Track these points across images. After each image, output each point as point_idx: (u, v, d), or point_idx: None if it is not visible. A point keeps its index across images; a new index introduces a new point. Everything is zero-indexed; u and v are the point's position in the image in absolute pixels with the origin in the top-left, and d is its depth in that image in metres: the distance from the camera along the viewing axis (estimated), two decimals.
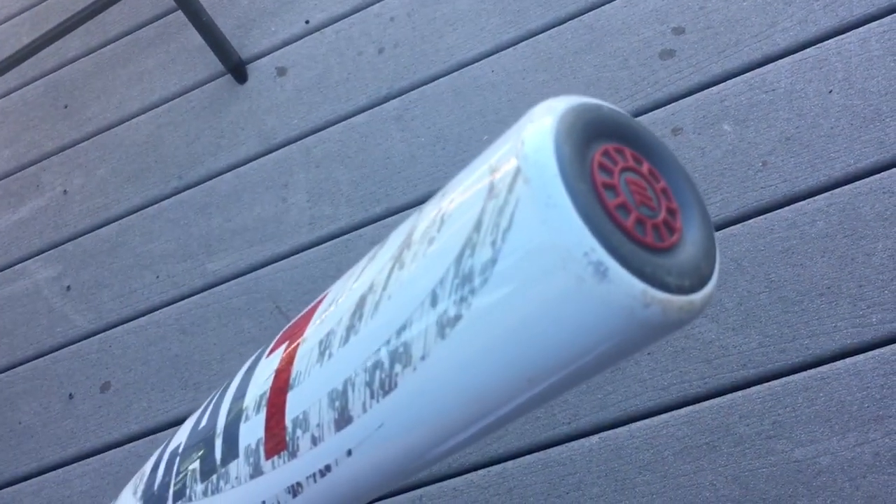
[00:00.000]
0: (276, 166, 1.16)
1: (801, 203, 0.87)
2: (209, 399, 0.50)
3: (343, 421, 0.36)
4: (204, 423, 0.47)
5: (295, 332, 0.42)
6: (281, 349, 0.42)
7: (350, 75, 1.17)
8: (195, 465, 0.46)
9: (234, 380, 0.47)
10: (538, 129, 0.27)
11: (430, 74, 1.12)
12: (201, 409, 0.50)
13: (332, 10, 1.22)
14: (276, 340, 0.45)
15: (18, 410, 1.18)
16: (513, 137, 0.29)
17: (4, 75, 1.33)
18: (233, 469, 0.43)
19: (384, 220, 1.06)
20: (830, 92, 0.91)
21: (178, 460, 0.48)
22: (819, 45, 0.93)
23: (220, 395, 0.48)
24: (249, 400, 0.43)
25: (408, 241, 0.34)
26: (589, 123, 0.29)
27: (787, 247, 0.86)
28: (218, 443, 0.44)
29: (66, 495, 1.11)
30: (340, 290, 0.39)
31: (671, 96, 0.97)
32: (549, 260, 0.26)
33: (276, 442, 0.39)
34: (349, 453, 0.36)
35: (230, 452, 0.43)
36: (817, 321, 0.83)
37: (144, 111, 1.30)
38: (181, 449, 0.49)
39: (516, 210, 0.27)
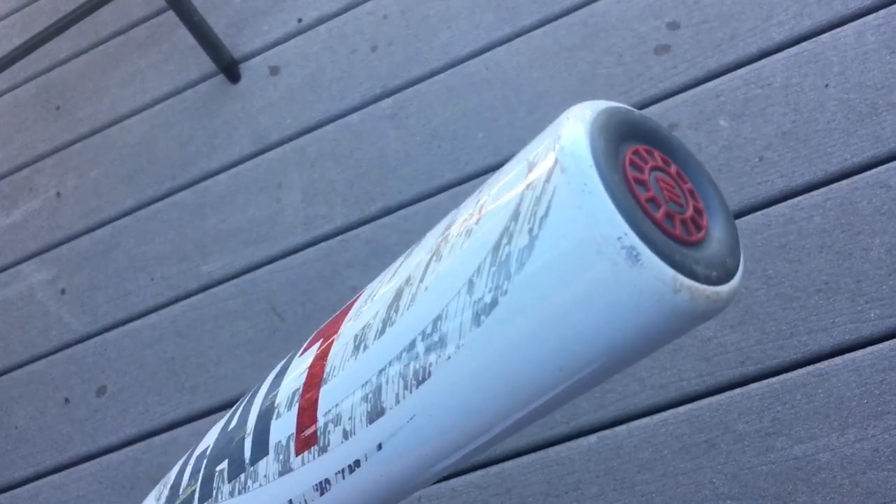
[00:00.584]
0: (271, 166, 1.15)
1: (798, 198, 0.87)
2: (237, 404, 0.50)
3: (375, 413, 0.36)
4: (233, 424, 0.47)
5: (329, 331, 0.42)
6: (314, 347, 0.42)
7: (344, 74, 1.16)
8: (223, 466, 0.46)
9: (265, 382, 0.47)
10: (574, 126, 0.29)
11: (424, 72, 1.11)
12: (230, 413, 0.50)
13: (325, 9, 1.21)
14: (309, 340, 0.45)
15: (14, 415, 1.17)
16: (549, 135, 0.30)
17: None
18: (261, 467, 0.42)
19: (380, 220, 1.06)
20: (826, 86, 0.90)
21: (206, 462, 0.48)
22: (814, 38, 0.93)
23: (250, 398, 0.47)
24: (282, 397, 0.43)
25: (445, 236, 0.35)
26: (621, 124, 0.30)
27: (785, 242, 0.86)
28: (248, 442, 0.44)
29: (63, 500, 1.10)
30: (377, 287, 0.40)
31: (666, 92, 0.97)
32: (585, 244, 0.27)
33: (308, 437, 0.39)
34: (379, 447, 0.36)
35: (260, 450, 0.43)
36: (815, 317, 0.82)
37: (137, 112, 1.29)
38: (209, 451, 0.49)
39: (553, 198, 0.28)
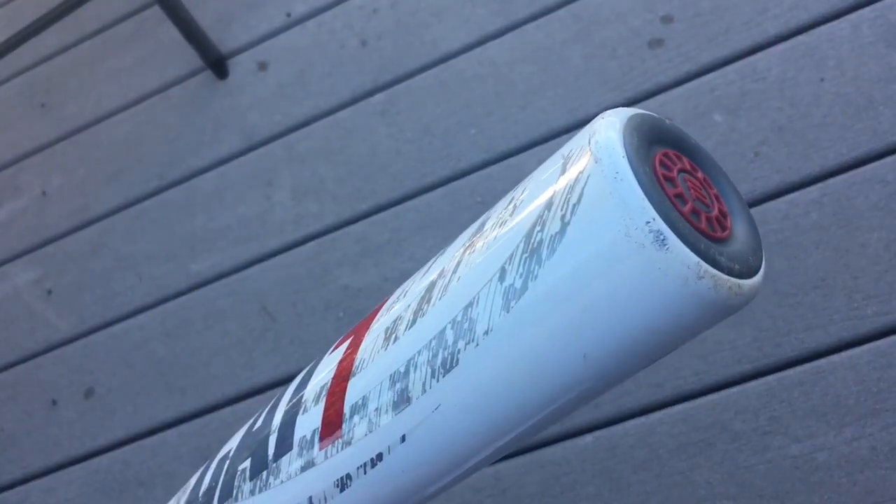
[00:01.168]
0: (260, 163, 1.14)
1: (794, 194, 0.86)
2: (263, 407, 0.49)
3: (402, 402, 0.36)
4: (258, 425, 0.47)
5: (360, 327, 0.42)
6: (345, 344, 0.42)
7: (333, 69, 1.14)
8: (245, 465, 0.45)
9: (292, 384, 0.46)
10: (608, 123, 0.31)
11: (415, 67, 1.09)
12: (255, 415, 0.50)
13: (314, 3, 1.19)
14: (340, 338, 0.44)
15: (0, 418, 1.16)
16: (583, 134, 0.32)
17: None
18: (284, 463, 0.42)
19: (371, 217, 1.04)
20: (822, 80, 0.89)
21: (228, 463, 0.48)
22: (810, 31, 0.91)
23: (276, 401, 0.47)
24: (309, 393, 0.42)
25: (480, 229, 0.36)
26: (652, 128, 0.32)
27: (781, 239, 0.85)
28: (272, 439, 0.44)
29: None
30: (409, 283, 0.40)
31: (661, 86, 0.96)
32: (614, 228, 0.28)
33: (332, 430, 0.39)
34: (403, 439, 0.36)
35: (284, 445, 0.42)
36: (812, 314, 0.81)
37: (123, 109, 1.27)
38: (231, 452, 0.48)
39: (586, 186, 0.29)
